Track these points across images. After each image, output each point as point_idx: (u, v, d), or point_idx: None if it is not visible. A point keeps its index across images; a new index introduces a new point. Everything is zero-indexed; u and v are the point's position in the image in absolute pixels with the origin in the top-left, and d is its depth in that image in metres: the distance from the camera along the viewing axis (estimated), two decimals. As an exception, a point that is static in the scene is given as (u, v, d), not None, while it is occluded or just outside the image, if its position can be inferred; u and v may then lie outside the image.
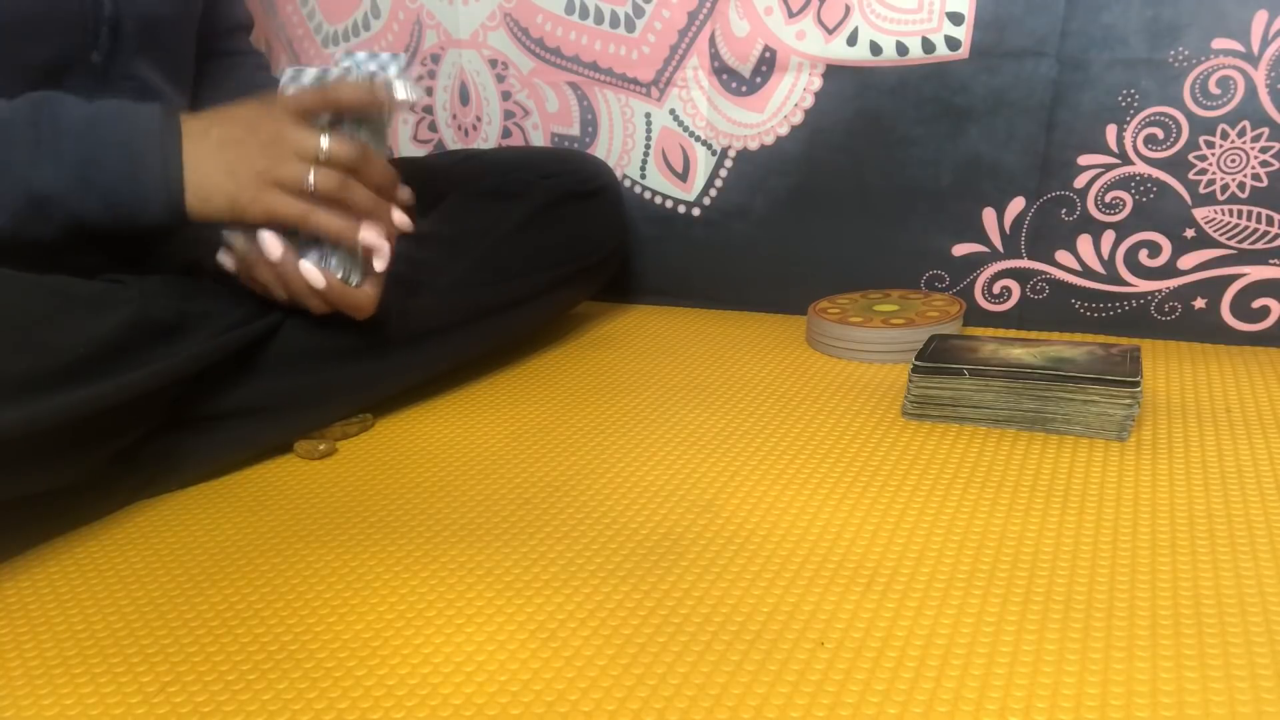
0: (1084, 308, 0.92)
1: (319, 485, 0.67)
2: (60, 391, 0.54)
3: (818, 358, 0.89)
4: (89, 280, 0.60)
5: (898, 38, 0.90)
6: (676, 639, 0.47)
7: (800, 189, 0.99)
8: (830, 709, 0.42)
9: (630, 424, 0.75)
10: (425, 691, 0.44)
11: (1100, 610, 0.48)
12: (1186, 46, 0.81)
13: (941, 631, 0.47)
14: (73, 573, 0.57)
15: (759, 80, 0.97)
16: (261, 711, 0.44)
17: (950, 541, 0.55)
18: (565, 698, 0.44)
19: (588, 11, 1.02)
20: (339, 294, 0.67)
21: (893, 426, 0.72)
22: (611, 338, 0.99)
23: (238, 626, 0.50)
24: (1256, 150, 0.82)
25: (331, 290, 0.67)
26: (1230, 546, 0.53)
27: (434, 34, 1.10)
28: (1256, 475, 0.62)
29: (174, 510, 0.64)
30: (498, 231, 0.85)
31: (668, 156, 1.04)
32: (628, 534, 0.58)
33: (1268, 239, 0.84)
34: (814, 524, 0.58)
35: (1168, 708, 0.41)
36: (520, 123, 1.11)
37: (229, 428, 0.68)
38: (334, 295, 0.67)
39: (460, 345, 0.83)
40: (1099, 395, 0.68)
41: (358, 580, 0.54)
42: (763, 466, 0.66)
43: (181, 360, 0.62)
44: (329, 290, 0.67)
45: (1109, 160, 0.86)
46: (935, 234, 0.95)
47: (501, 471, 0.68)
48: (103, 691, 0.46)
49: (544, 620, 0.49)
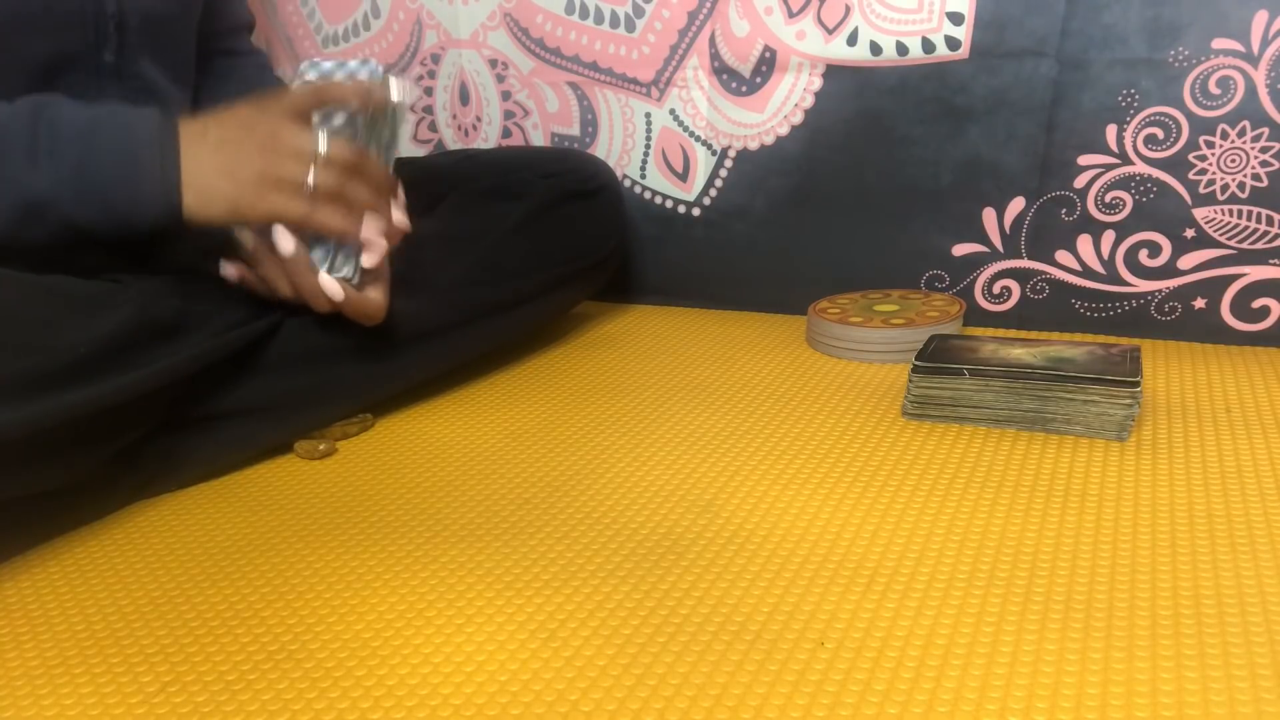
0: (1084, 308, 0.92)
1: (319, 485, 0.67)
2: (60, 391, 0.54)
3: (818, 358, 0.89)
4: (89, 280, 0.60)
5: (898, 38, 0.90)
6: (676, 639, 0.47)
7: (800, 189, 0.99)
8: (830, 709, 0.42)
9: (630, 424, 0.75)
10: (425, 691, 0.44)
11: (1100, 610, 0.48)
12: (1186, 46, 0.81)
13: (941, 631, 0.47)
14: (73, 573, 0.57)
15: (759, 80, 0.97)
16: (261, 711, 0.44)
17: (950, 541, 0.55)
18: (565, 698, 0.44)
19: (588, 11, 1.02)
20: (354, 302, 0.68)
21: (893, 426, 0.72)
22: (611, 338, 0.99)
23: (238, 626, 0.50)
24: (1256, 150, 0.82)
25: (348, 302, 0.67)
26: (1230, 546, 0.53)
27: (434, 34, 1.10)
28: (1256, 475, 0.62)
29: (174, 510, 0.64)
30: (498, 231, 0.85)
31: (668, 156, 1.04)
32: (628, 534, 0.58)
33: (1268, 239, 0.84)
34: (814, 524, 0.58)
35: (1168, 708, 0.41)
36: (520, 123, 1.11)
37: (229, 428, 0.68)
38: (349, 306, 0.68)
39: (460, 345, 0.83)
40: (1099, 395, 0.68)
41: (358, 580, 0.54)
42: (763, 466, 0.66)
43: (181, 360, 0.62)
44: (345, 302, 0.67)
45: (1109, 160, 0.86)
46: (935, 234, 0.95)
47: (501, 471, 0.68)
48: (103, 691, 0.46)
49: (544, 620, 0.49)
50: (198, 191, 0.61)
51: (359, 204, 0.65)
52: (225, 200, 0.62)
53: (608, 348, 0.95)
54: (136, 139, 0.60)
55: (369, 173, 0.66)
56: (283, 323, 0.69)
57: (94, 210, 0.59)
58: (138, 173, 0.59)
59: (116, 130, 0.60)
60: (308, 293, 0.67)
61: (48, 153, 0.58)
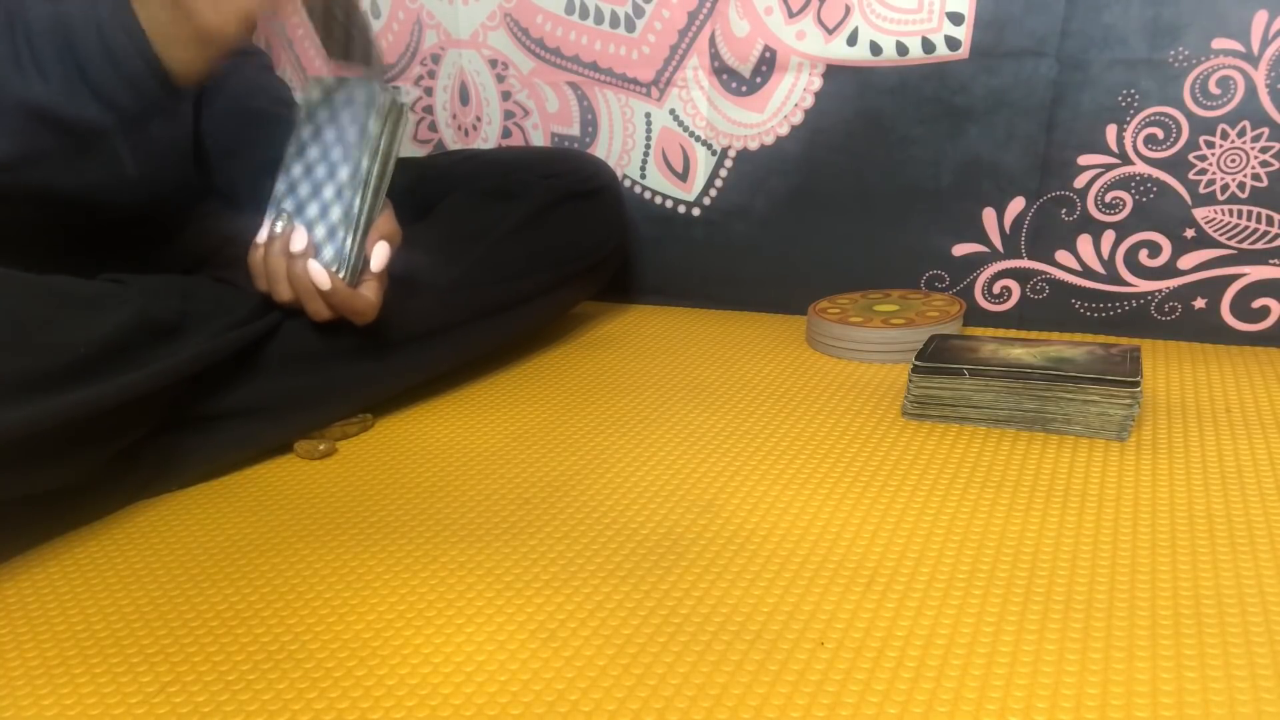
0: (1084, 308, 0.92)
1: (319, 485, 0.67)
2: (60, 391, 0.54)
3: (818, 358, 0.89)
4: (89, 280, 0.60)
5: (898, 38, 0.90)
6: (676, 639, 0.47)
7: (800, 189, 0.99)
8: (830, 709, 0.42)
9: (630, 424, 0.75)
10: (425, 691, 0.44)
11: (1100, 610, 0.48)
12: (1186, 46, 0.81)
13: (941, 631, 0.47)
14: (73, 573, 0.57)
15: (759, 80, 0.97)
16: (261, 711, 0.44)
17: (950, 541, 0.55)
18: (565, 698, 0.44)
19: (588, 11, 1.02)
20: (344, 297, 0.67)
21: (893, 426, 0.72)
22: (611, 338, 0.99)
23: (238, 626, 0.50)
24: (1256, 150, 0.82)
25: (336, 293, 0.67)
26: (1230, 546, 0.53)
27: (434, 34, 1.10)
28: (1256, 475, 0.62)
29: (174, 510, 0.64)
30: (498, 231, 0.85)
31: (668, 156, 1.04)
32: (628, 534, 0.58)
33: (1268, 239, 0.84)
34: (814, 524, 0.58)
35: (1168, 708, 0.41)
36: (520, 123, 1.11)
37: (229, 428, 0.68)
38: (339, 299, 0.67)
39: (460, 345, 0.83)
40: (1099, 395, 0.68)
41: (358, 580, 0.54)
42: (763, 466, 0.66)
43: (182, 360, 0.62)
44: (334, 292, 0.67)
45: (1109, 160, 0.86)
46: (935, 234, 0.95)
47: (501, 471, 0.68)
48: (103, 691, 0.46)
49: (544, 620, 0.49)
50: (164, 42, 0.58)
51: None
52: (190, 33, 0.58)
53: (608, 348, 0.95)
54: (102, 21, 0.57)
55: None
56: (282, 323, 0.69)
57: (93, 104, 0.57)
58: (115, 52, 0.57)
59: (85, 20, 0.57)
60: (305, 296, 0.67)
61: (30, 59, 0.56)
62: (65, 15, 0.57)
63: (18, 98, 0.56)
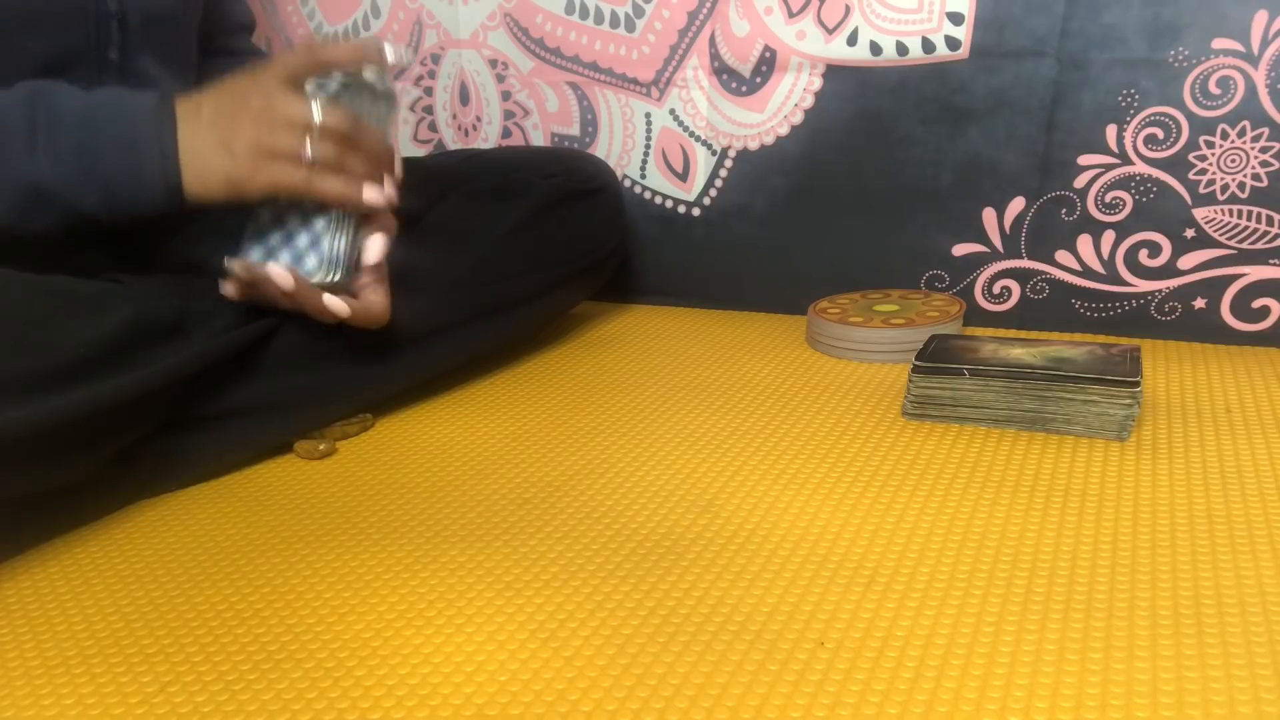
0: (1084, 308, 0.92)
1: (319, 485, 0.67)
2: (60, 391, 0.54)
3: (818, 358, 0.89)
4: (89, 280, 0.60)
5: (898, 38, 0.90)
6: (676, 639, 0.47)
7: (800, 189, 0.99)
8: (830, 709, 0.42)
9: (630, 424, 0.75)
10: (425, 691, 0.44)
11: (1100, 610, 0.48)
12: (1186, 46, 0.81)
13: (941, 631, 0.47)
14: (73, 573, 0.57)
15: (759, 80, 0.97)
16: (261, 711, 0.44)
17: (950, 541, 0.55)
18: (565, 698, 0.44)
19: (588, 11, 1.02)
20: (359, 313, 0.68)
21: (893, 426, 0.72)
22: (611, 338, 0.99)
23: (238, 626, 0.50)
24: (1256, 150, 0.82)
25: (354, 315, 0.67)
26: (1230, 546, 0.53)
27: (434, 34, 1.10)
28: (1256, 475, 0.62)
29: (174, 510, 0.64)
30: (498, 231, 0.85)
31: (668, 156, 1.04)
32: (628, 534, 0.58)
33: (1268, 239, 0.84)
34: (814, 524, 0.58)
35: (1168, 708, 0.41)
36: (520, 123, 1.11)
37: (229, 428, 0.68)
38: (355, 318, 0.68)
39: (460, 345, 0.83)
40: (1099, 395, 0.68)
41: (358, 580, 0.54)
42: (763, 466, 0.66)
43: (182, 360, 0.62)
44: (296, 292, 0.66)
45: (1109, 160, 0.86)
46: (935, 234, 0.95)
47: (501, 471, 0.68)
48: (103, 691, 0.46)
49: (544, 620, 0.49)
50: (195, 170, 0.60)
51: (356, 173, 0.65)
52: (221, 175, 0.61)
53: (608, 348, 0.95)
54: (134, 122, 0.59)
55: (365, 139, 0.65)
56: (283, 323, 0.69)
57: (96, 196, 0.59)
58: (138, 156, 0.59)
59: (115, 115, 0.59)
60: (313, 312, 0.67)
61: (47, 140, 0.58)
62: (94, 119, 0.59)
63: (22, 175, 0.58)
